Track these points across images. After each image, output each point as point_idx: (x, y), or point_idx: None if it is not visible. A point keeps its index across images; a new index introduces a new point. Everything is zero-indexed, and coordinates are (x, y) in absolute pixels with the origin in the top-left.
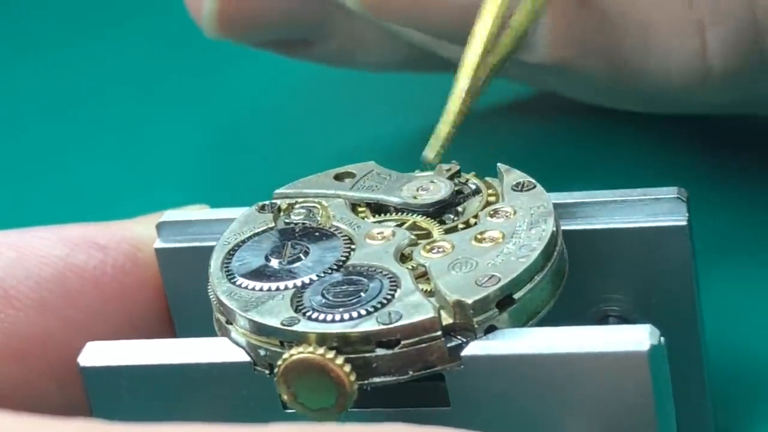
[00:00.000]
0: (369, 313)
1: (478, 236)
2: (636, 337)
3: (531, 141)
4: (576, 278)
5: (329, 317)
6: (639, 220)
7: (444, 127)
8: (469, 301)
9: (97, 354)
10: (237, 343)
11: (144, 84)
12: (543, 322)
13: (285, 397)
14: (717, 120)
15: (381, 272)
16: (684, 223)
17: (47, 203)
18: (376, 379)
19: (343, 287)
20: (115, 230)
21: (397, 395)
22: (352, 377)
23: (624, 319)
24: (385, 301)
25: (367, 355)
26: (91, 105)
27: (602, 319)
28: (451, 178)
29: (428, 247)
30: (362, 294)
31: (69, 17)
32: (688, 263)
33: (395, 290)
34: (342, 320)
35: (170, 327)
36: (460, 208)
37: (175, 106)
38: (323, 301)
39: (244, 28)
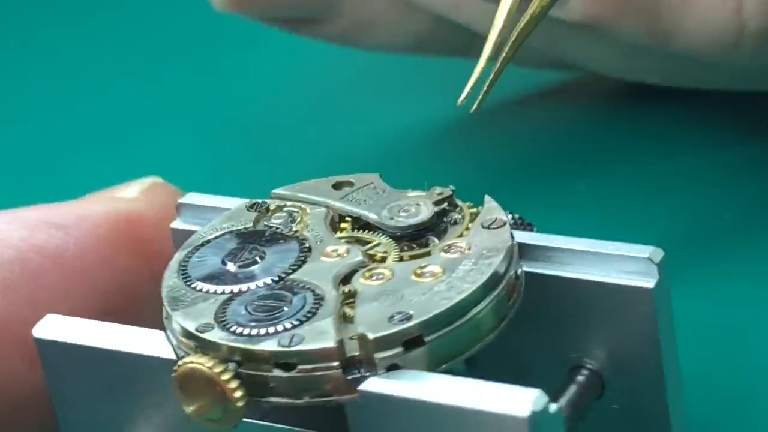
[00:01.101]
0: (277, 332)
1: (418, 270)
2: (519, 401)
3: (552, 130)
4: (551, 323)
5: (239, 330)
6: (608, 275)
7: (476, 72)
8: (371, 336)
9: (51, 328)
10: (168, 339)
11: (146, 81)
12: (505, 362)
13: (181, 403)
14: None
15: (312, 291)
16: (650, 286)
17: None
18: (273, 399)
19: (267, 302)
20: (73, 209)
21: (299, 415)
22: (238, 394)
23: (595, 372)
24: (297, 323)
25: (265, 374)
26: (91, 101)
27: (574, 369)
28: (440, 202)
29: (368, 273)
30: (281, 312)
31: (68, 8)
32: (653, 326)
33: (314, 313)
34: (249, 335)
35: (140, 304)
36: (435, 237)
37: (182, 97)
38: (243, 312)
39: (254, 2)
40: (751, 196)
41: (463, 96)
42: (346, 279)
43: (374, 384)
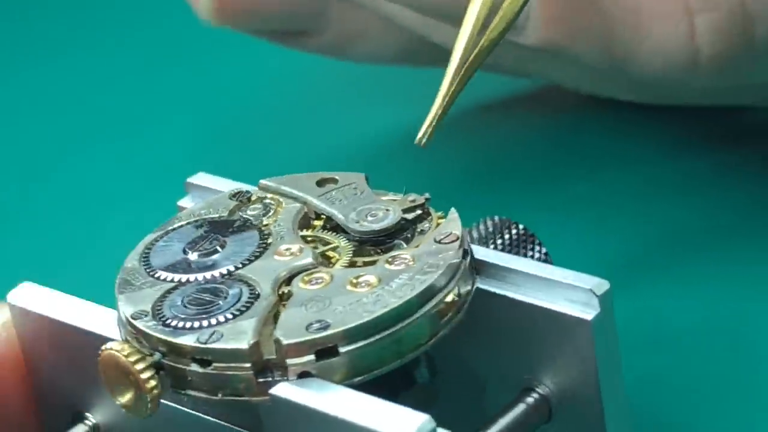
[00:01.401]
0: (201, 327)
1: (354, 280)
2: (405, 424)
3: (532, 135)
4: (504, 342)
5: (167, 321)
6: (553, 301)
7: (434, 109)
8: (284, 342)
9: (23, 295)
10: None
11: (144, 82)
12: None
13: (105, 388)
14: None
15: (251, 289)
16: (588, 318)
17: (46, 199)
18: (191, 392)
19: (203, 296)
20: None
21: (219, 407)
22: (151, 384)
23: (544, 397)
24: (223, 320)
25: (183, 367)
26: (90, 100)
27: (526, 390)
28: (410, 210)
29: (308, 277)
30: (213, 307)
31: (62, 12)
32: (591, 358)
33: (242, 311)
34: (174, 328)
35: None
36: (405, 244)
37: (177, 99)
38: (177, 304)
39: (241, 15)
40: (721, 202)
41: (420, 133)
42: (290, 279)
43: (283, 389)
